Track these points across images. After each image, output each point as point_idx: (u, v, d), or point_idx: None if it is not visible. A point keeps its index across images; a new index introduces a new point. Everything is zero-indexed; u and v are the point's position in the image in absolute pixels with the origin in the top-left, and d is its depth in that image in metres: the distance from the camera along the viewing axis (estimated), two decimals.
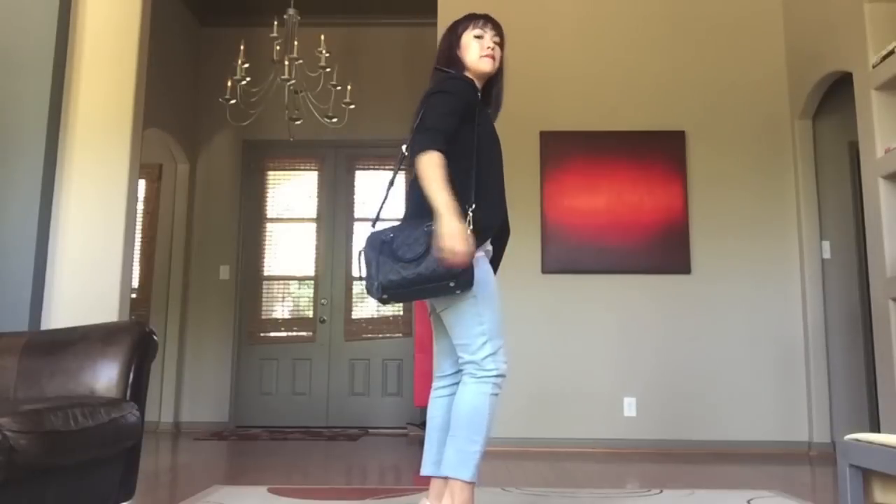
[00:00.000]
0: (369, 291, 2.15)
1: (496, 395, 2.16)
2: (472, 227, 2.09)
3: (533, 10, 5.14)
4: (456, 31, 2.40)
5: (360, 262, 2.18)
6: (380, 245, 2.12)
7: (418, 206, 2.17)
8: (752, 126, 5.04)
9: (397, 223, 2.22)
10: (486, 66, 2.34)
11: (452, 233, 1.99)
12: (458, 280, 2.04)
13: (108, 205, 3.47)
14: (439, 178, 2.07)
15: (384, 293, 2.10)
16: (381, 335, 6.30)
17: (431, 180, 2.06)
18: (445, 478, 2.16)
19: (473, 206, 2.14)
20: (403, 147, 2.29)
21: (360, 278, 2.19)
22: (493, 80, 2.42)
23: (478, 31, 2.36)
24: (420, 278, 2.04)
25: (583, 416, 4.72)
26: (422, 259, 2.04)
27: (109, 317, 3.35)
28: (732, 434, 4.68)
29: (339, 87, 5.07)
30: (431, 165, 2.07)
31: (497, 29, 2.40)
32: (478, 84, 2.36)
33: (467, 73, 2.35)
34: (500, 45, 2.39)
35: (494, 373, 2.15)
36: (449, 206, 2.03)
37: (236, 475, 3.67)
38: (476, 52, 2.34)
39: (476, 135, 2.24)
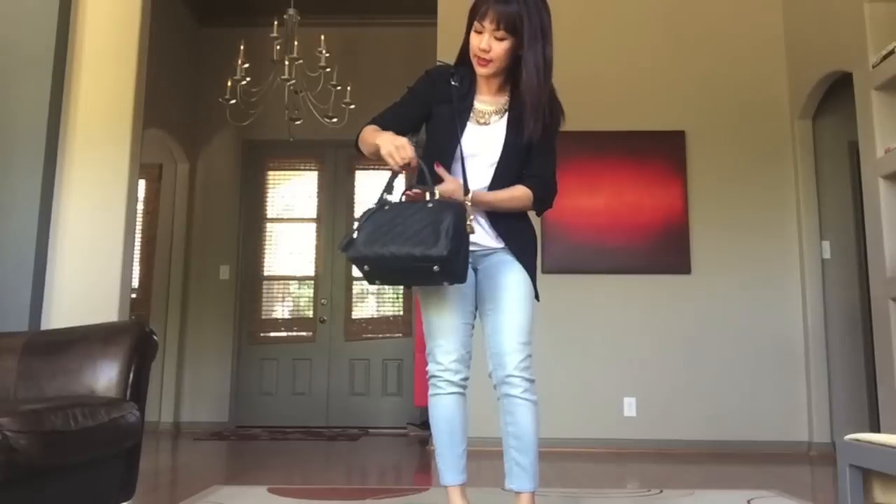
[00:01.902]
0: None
1: (434, 395, 2.13)
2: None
3: None
4: (470, 17, 2.07)
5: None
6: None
7: None
8: (752, 126, 5.04)
9: None
10: (477, 70, 2.09)
11: (383, 146, 1.97)
12: (441, 265, 1.84)
13: (108, 205, 3.46)
14: (364, 137, 2.10)
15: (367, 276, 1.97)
16: (381, 335, 6.30)
17: (362, 142, 2.11)
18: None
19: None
20: None
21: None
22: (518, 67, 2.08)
23: (477, 25, 2.03)
24: (407, 257, 1.86)
25: (583, 416, 4.72)
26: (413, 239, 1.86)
27: (109, 317, 3.35)
28: (732, 434, 4.68)
29: (339, 87, 5.07)
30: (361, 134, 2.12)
31: (501, 19, 1.98)
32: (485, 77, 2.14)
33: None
34: (513, 35, 2.01)
35: (428, 375, 2.15)
36: (381, 136, 2.01)
37: (236, 475, 3.67)
38: (471, 50, 2.07)
39: (433, 126, 2.15)
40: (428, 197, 1.93)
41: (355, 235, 1.94)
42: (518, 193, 2.15)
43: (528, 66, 2.05)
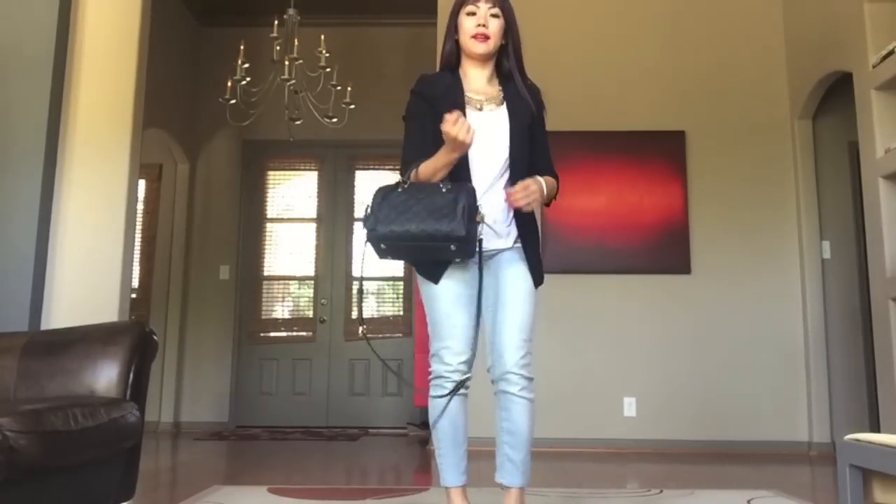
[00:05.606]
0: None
1: (434, 396, 2.13)
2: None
3: (532, 9, 5.13)
4: (454, 13, 2.20)
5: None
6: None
7: None
8: (752, 126, 5.04)
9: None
10: (476, 48, 2.15)
11: (451, 135, 1.93)
12: (458, 244, 1.95)
13: (108, 205, 3.46)
14: (423, 174, 2.03)
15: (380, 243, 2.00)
16: (381, 335, 6.29)
17: (422, 174, 2.04)
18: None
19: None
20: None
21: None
22: (504, 56, 2.21)
23: (470, 7, 2.15)
24: (424, 235, 1.94)
25: (583, 416, 4.72)
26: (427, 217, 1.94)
27: (109, 317, 3.35)
28: (732, 434, 4.68)
29: (339, 87, 5.06)
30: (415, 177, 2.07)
31: None
32: (476, 66, 2.20)
33: (462, 66, 2.21)
34: (503, 15, 2.16)
35: (431, 375, 2.15)
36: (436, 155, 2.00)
37: (236, 475, 3.67)
38: (468, 31, 2.15)
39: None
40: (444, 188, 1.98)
41: (369, 211, 2.00)
42: (552, 182, 2.24)
43: (515, 41, 2.22)
